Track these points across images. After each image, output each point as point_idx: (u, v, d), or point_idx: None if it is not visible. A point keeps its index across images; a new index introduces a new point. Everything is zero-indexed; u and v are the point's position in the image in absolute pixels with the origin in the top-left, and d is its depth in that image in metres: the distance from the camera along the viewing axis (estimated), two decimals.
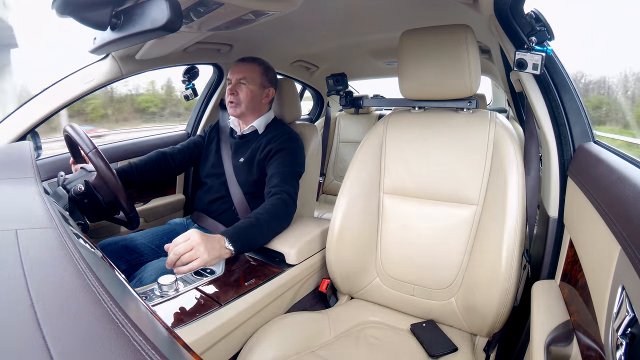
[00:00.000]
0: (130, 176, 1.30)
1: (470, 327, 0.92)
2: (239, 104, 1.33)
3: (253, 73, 1.32)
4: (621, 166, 0.59)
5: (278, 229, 1.07)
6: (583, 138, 0.83)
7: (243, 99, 1.32)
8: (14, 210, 0.55)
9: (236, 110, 1.35)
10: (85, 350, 0.25)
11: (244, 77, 1.31)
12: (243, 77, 1.31)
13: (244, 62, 1.34)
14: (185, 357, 0.37)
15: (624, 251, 0.45)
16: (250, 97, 1.33)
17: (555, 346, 0.59)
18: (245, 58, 1.35)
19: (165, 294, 0.83)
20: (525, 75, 0.89)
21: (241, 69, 1.32)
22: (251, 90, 1.32)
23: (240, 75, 1.31)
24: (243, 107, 1.34)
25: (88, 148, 0.96)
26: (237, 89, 1.32)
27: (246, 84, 1.31)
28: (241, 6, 0.97)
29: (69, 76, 1.27)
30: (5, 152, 0.89)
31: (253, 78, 1.32)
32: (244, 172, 1.33)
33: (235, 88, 1.32)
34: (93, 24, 0.64)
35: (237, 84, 1.31)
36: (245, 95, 1.32)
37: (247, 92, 1.32)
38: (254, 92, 1.33)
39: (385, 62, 2.23)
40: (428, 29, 0.98)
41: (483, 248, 0.88)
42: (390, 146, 1.06)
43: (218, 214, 1.33)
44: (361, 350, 0.87)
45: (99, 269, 0.42)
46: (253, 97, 1.33)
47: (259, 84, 1.34)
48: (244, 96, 1.32)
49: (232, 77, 1.33)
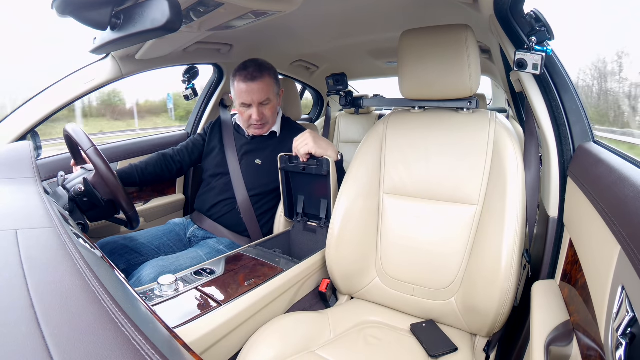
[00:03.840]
0: (132, 178, 1.30)
1: (470, 327, 0.92)
2: (266, 123, 1.30)
3: (270, 88, 1.27)
4: (621, 166, 0.59)
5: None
6: (583, 138, 0.83)
7: (269, 117, 1.30)
8: (14, 210, 0.55)
9: (264, 129, 1.33)
10: (85, 350, 0.25)
11: (266, 99, 1.27)
12: (265, 99, 1.26)
13: (254, 80, 1.23)
14: (185, 357, 0.37)
15: (624, 251, 0.45)
16: (273, 111, 1.31)
17: (555, 346, 0.59)
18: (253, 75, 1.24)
19: (165, 294, 0.83)
20: (525, 75, 0.89)
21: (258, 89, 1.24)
22: (273, 105, 1.30)
23: (261, 97, 1.25)
24: (270, 124, 1.32)
25: (86, 146, 0.96)
26: (262, 111, 1.27)
27: (269, 103, 1.28)
28: (241, 6, 0.97)
29: (69, 76, 1.27)
30: (5, 152, 0.89)
31: (271, 94, 1.28)
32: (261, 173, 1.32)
33: (260, 111, 1.26)
34: (93, 24, 0.64)
35: (260, 106, 1.26)
36: (270, 112, 1.30)
37: (270, 109, 1.30)
38: (275, 105, 1.32)
39: (385, 62, 2.23)
40: (428, 29, 0.98)
41: (483, 248, 0.88)
42: (390, 146, 1.06)
43: (221, 215, 1.33)
44: (361, 350, 0.87)
45: (99, 269, 0.42)
46: (275, 109, 1.33)
47: (276, 94, 1.32)
48: (269, 114, 1.29)
49: (249, 100, 1.25)
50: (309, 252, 1.18)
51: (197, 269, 0.97)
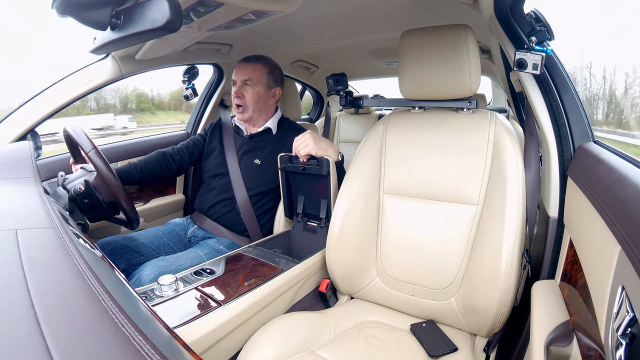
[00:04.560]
0: (131, 177, 1.30)
1: (470, 327, 0.92)
2: (246, 108, 1.30)
3: (258, 73, 1.29)
4: (621, 166, 0.59)
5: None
6: (583, 138, 0.83)
7: (249, 102, 1.30)
8: (14, 210, 0.55)
9: (244, 115, 1.33)
10: (85, 350, 0.25)
11: (249, 79, 1.29)
12: (248, 78, 1.28)
13: (247, 62, 1.30)
14: (185, 357, 0.37)
15: (624, 251, 0.45)
16: (256, 99, 1.31)
17: (555, 346, 0.59)
18: (248, 58, 1.32)
19: (165, 294, 0.83)
20: (525, 75, 0.89)
21: (245, 69, 1.29)
22: (257, 92, 1.30)
23: (245, 76, 1.28)
24: (250, 111, 1.32)
25: (88, 148, 0.96)
26: (242, 91, 1.29)
27: (252, 85, 1.29)
28: (241, 6, 0.97)
29: (69, 76, 1.27)
30: (5, 152, 0.89)
31: (258, 79, 1.30)
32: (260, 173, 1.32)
33: (240, 90, 1.29)
34: (93, 24, 0.64)
35: (242, 85, 1.29)
36: (252, 97, 1.30)
37: (252, 94, 1.30)
38: (260, 93, 1.31)
39: (385, 62, 2.23)
40: (428, 29, 0.98)
41: (483, 248, 0.88)
42: (390, 146, 1.06)
43: (221, 215, 1.33)
44: (361, 350, 0.87)
45: (99, 269, 0.42)
46: (259, 99, 1.31)
47: (265, 85, 1.32)
48: (250, 98, 1.30)
49: (236, 78, 1.30)
50: (309, 252, 1.18)
51: (197, 269, 0.97)
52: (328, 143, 1.14)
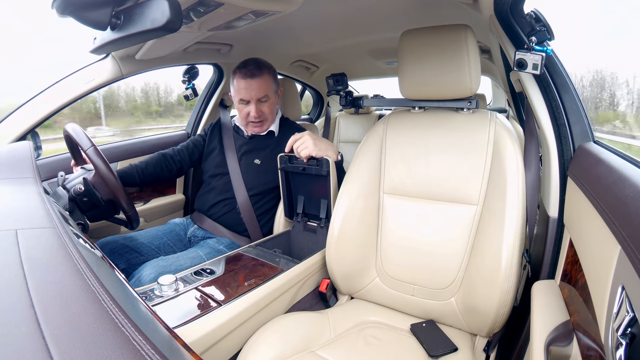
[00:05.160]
0: (132, 178, 1.30)
1: (470, 327, 0.92)
2: (265, 121, 1.31)
3: (269, 86, 1.28)
4: (621, 166, 0.59)
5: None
6: (583, 138, 0.83)
7: (268, 114, 1.30)
8: (14, 210, 0.55)
9: (262, 128, 1.33)
10: (85, 350, 0.25)
11: (264, 95, 1.27)
12: (264, 95, 1.27)
13: (253, 77, 1.25)
14: (185, 357, 0.37)
15: (624, 251, 0.45)
16: (272, 109, 1.32)
17: (555, 346, 0.59)
18: (252, 72, 1.26)
19: (165, 294, 0.83)
20: (525, 75, 0.89)
21: (257, 85, 1.26)
22: (272, 102, 1.31)
23: (260, 93, 1.26)
24: (269, 122, 1.32)
25: (86, 146, 0.96)
26: (260, 108, 1.28)
27: (267, 100, 1.29)
28: (241, 6, 0.97)
29: (69, 76, 1.27)
30: (5, 152, 0.89)
31: (270, 91, 1.29)
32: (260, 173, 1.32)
33: (259, 108, 1.27)
34: (93, 24, 0.64)
35: (259, 103, 1.28)
36: (269, 109, 1.30)
37: (269, 107, 1.30)
38: (273, 103, 1.32)
39: (385, 62, 2.23)
40: (428, 29, 0.98)
41: (483, 248, 0.88)
42: (390, 146, 1.06)
43: (221, 215, 1.33)
44: (361, 350, 0.87)
45: (99, 269, 0.42)
46: (274, 107, 1.33)
47: (274, 92, 1.33)
48: (267, 111, 1.30)
49: (248, 96, 1.26)
50: (309, 252, 1.18)
51: (197, 269, 0.97)
52: (327, 143, 1.14)
